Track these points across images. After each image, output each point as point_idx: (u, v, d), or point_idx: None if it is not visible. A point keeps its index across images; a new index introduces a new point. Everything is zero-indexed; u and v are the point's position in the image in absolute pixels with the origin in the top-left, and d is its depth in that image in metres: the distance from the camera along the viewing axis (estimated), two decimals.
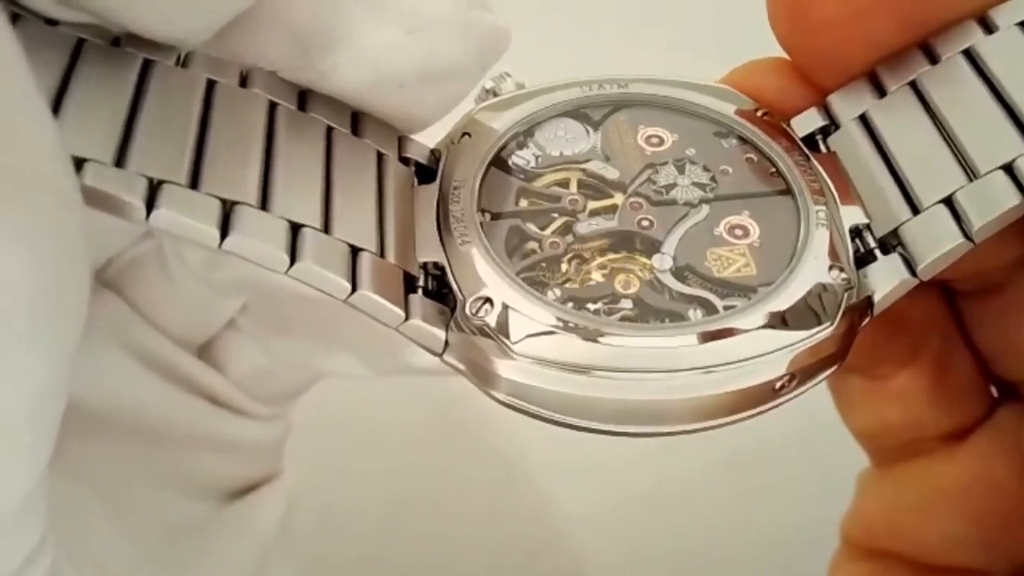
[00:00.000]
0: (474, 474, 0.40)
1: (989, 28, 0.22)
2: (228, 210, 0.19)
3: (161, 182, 0.19)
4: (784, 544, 0.38)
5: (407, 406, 0.39)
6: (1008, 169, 0.21)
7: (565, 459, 0.39)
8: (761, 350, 0.20)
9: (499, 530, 0.39)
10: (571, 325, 0.20)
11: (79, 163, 0.18)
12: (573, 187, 0.23)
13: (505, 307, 0.20)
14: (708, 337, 0.20)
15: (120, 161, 0.19)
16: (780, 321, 0.20)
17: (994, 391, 0.28)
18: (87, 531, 0.25)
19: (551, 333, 0.20)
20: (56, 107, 0.19)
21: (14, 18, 0.19)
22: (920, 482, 0.28)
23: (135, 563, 0.26)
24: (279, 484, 0.30)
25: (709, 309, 0.21)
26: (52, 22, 0.20)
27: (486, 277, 0.21)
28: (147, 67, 0.20)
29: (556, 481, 0.40)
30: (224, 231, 0.19)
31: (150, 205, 0.18)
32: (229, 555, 0.29)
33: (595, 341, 0.20)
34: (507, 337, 0.20)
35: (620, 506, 0.39)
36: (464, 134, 0.23)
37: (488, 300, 0.20)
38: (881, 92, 0.23)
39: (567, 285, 0.21)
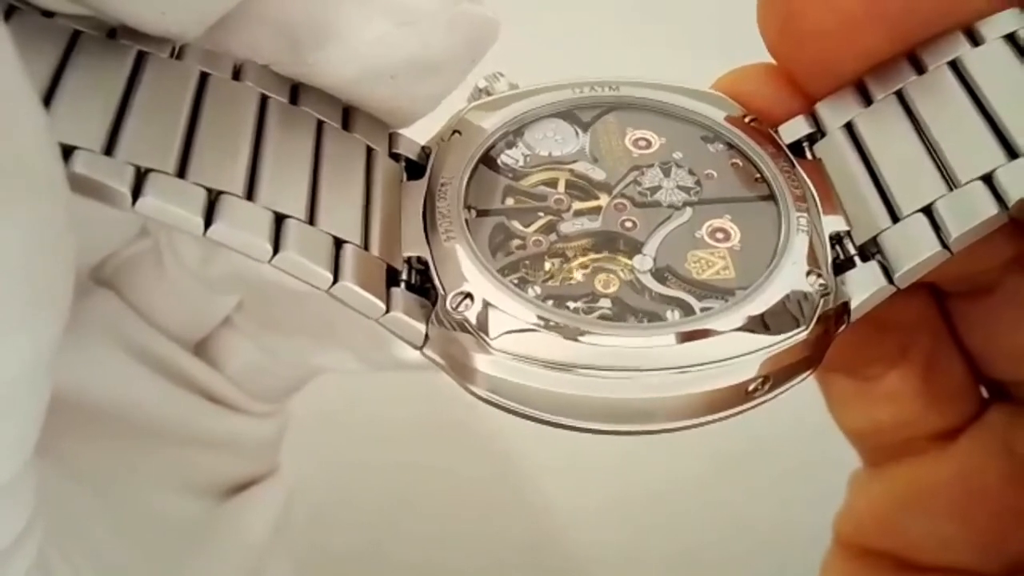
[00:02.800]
0: (470, 471, 0.40)
1: (975, 40, 0.23)
2: (214, 199, 0.19)
3: (148, 170, 0.19)
4: (778, 542, 0.38)
5: (405, 403, 0.40)
6: (987, 180, 0.21)
7: (561, 457, 0.39)
8: (735, 352, 0.20)
9: (495, 527, 0.39)
10: (550, 322, 0.20)
11: (69, 151, 0.18)
12: (560, 187, 0.23)
13: (485, 303, 0.20)
14: (684, 338, 0.20)
15: (109, 150, 0.19)
16: (755, 324, 0.20)
17: (984, 392, 0.28)
18: (83, 527, 0.26)
19: (530, 330, 0.20)
20: (49, 96, 0.19)
21: (11, 9, 0.20)
22: (910, 482, 0.28)
23: (131, 560, 0.26)
24: (276, 481, 0.31)
25: (686, 310, 0.21)
26: (48, 13, 0.20)
27: (468, 273, 0.21)
28: (141, 59, 0.21)
29: (552, 479, 0.40)
30: (209, 220, 0.19)
31: (137, 193, 0.19)
32: (226, 552, 0.29)
33: (573, 339, 0.20)
34: (486, 332, 0.20)
35: (616, 504, 0.39)
36: (454, 132, 0.23)
37: (469, 295, 0.21)
38: (868, 101, 0.23)
39: (548, 283, 0.21)
